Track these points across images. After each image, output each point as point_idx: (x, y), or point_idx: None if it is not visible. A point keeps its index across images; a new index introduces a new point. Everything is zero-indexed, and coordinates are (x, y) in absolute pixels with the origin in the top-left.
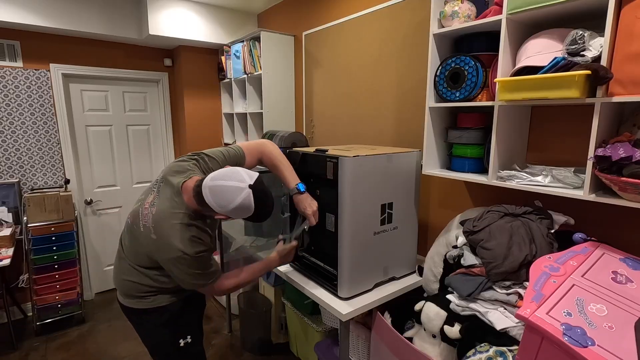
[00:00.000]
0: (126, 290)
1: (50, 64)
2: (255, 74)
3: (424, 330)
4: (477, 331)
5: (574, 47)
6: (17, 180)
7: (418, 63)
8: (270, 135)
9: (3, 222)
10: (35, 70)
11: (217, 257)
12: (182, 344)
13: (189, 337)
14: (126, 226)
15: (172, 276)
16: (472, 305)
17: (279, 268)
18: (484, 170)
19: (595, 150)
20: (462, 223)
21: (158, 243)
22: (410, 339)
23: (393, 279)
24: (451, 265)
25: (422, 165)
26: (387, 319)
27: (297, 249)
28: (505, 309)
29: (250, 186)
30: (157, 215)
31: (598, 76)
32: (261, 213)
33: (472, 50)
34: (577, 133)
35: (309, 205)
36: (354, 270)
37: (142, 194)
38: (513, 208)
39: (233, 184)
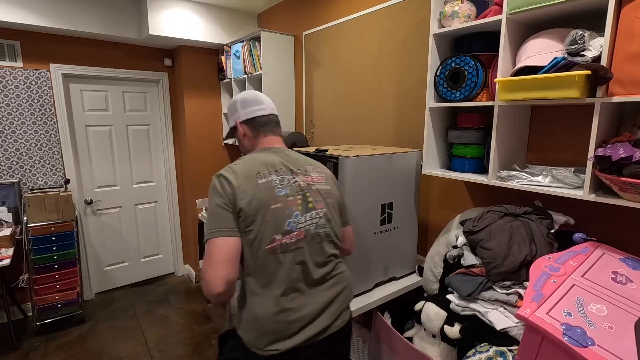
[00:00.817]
0: (350, 291)
1: (50, 64)
2: (255, 74)
3: (424, 330)
4: (477, 331)
5: (574, 47)
6: (17, 180)
7: (418, 63)
8: None
9: (3, 222)
10: (35, 70)
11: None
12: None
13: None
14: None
15: (344, 211)
16: (472, 305)
17: None
18: (484, 170)
19: (595, 150)
20: (462, 223)
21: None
22: (410, 339)
23: (393, 279)
24: (451, 265)
25: (422, 165)
26: (387, 319)
27: None
28: (505, 309)
29: None
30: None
31: (598, 76)
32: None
33: (472, 50)
34: (577, 133)
35: None
36: (353, 271)
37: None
38: (513, 208)
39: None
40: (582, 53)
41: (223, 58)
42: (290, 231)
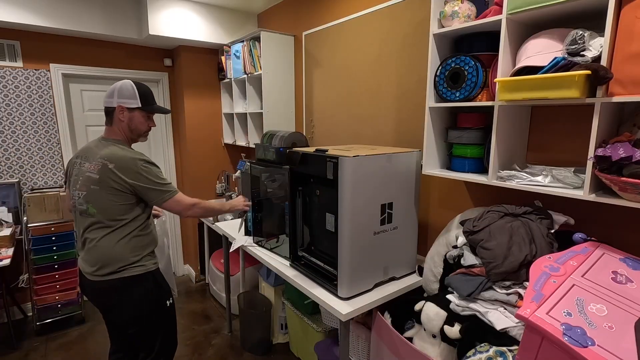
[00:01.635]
0: (109, 261)
1: (50, 64)
2: (255, 74)
3: (424, 330)
4: (477, 331)
5: (574, 47)
6: (17, 180)
7: (418, 63)
8: (270, 136)
9: (3, 222)
10: (35, 70)
11: (221, 258)
12: (168, 305)
13: (170, 297)
14: (75, 214)
15: (146, 194)
16: (472, 305)
17: (278, 268)
18: (484, 170)
19: (595, 150)
20: (462, 223)
21: (120, 165)
22: (410, 339)
23: (393, 279)
24: (451, 265)
25: (422, 165)
26: (387, 319)
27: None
28: (505, 309)
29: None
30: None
31: (598, 76)
32: (144, 88)
33: (472, 50)
34: (577, 133)
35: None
36: (354, 270)
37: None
38: (513, 208)
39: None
40: (582, 53)
41: (223, 58)
42: None
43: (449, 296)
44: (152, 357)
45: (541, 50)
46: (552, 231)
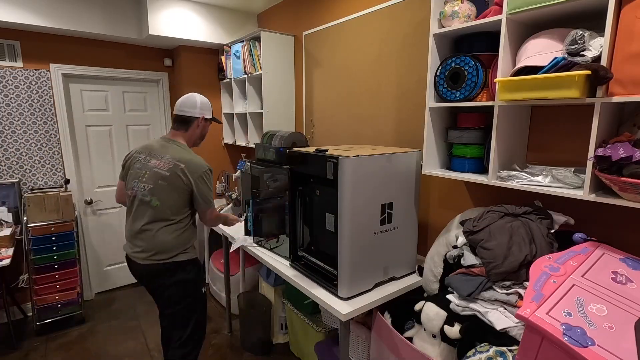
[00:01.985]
0: (166, 249)
1: (50, 64)
2: (255, 74)
3: (424, 330)
4: (477, 331)
5: (574, 47)
6: (17, 180)
7: (418, 63)
8: (270, 136)
9: (3, 222)
10: (35, 70)
11: (221, 258)
12: (203, 291)
13: (204, 287)
14: (133, 203)
15: (197, 198)
16: (472, 305)
17: (278, 268)
18: (484, 170)
19: (595, 150)
20: (462, 223)
21: (190, 168)
22: (410, 339)
23: (393, 279)
24: (451, 265)
25: (422, 165)
26: (387, 319)
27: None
28: (505, 309)
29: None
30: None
31: (598, 76)
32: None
33: (472, 50)
34: (577, 133)
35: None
36: (354, 270)
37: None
38: (513, 208)
39: (187, 96)
40: (582, 53)
41: (223, 58)
42: None
43: (449, 296)
44: (183, 339)
45: (541, 50)
46: (552, 231)
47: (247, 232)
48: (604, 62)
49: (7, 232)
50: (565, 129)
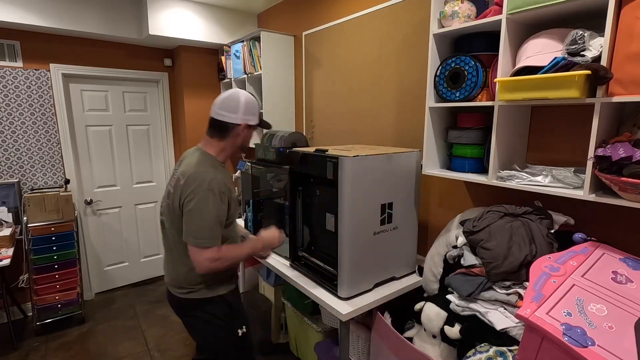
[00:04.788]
0: (176, 280)
1: (50, 64)
2: (255, 74)
3: (424, 330)
4: (477, 331)
5: (574, 47)
6: (17, 180)
7: (418, 63)
8: (270, 136)
9: (3, 222)
10: (35, 70)
11: None
12: (240, 334)
13: (244, 326)
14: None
15: (185, 225)
16: (472, 305)
17: (278, 268)
18: (484, 170)
19: (595, 150)
20: (462, 223)
21: (186, 182)
22: (410, 339)
23: (393, 279)
24: (451, 265)
25: (422, 165)
26: (387, 319)
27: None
28: (505, 309)
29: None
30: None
31: (598, 76)
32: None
33: (472, 50)
34: (577, 133)
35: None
36: (354, 270)
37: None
38: (513, 208)
39: (229, 93)
40: (582, 53)
41: (223, 58)
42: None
43: (449, 296)
44: None
45: (541, 50)
46: (552, 231)
47: None
48: (604, 62)
49: (7, 232)
50: (565, 129)
